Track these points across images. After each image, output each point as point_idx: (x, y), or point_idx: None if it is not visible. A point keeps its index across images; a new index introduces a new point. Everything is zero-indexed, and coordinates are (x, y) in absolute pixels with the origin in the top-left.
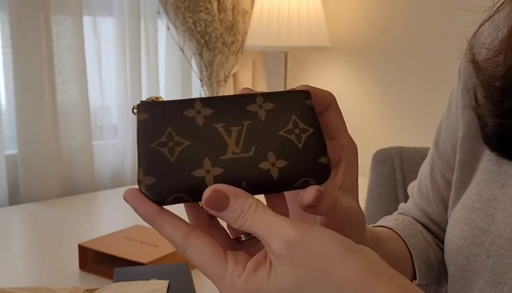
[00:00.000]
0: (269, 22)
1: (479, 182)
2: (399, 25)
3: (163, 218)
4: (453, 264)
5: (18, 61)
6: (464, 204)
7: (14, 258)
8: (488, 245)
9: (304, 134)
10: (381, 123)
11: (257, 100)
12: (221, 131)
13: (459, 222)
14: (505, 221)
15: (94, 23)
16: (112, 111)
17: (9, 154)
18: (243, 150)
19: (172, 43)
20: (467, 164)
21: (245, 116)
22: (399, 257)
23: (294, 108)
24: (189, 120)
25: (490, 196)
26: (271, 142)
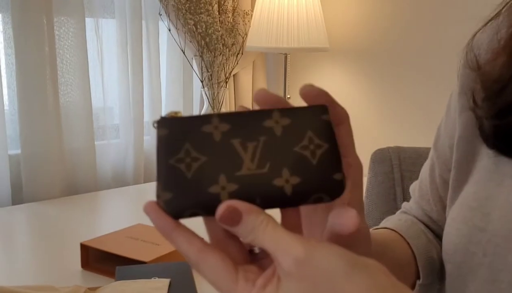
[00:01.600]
0: (269, 24)
1: (476, 181)
2: (398, 26)
3: (179, 233)
4: (451, 262)
5: (21, 62)
6: (461, 203)
7: (17, 257)
8: (485, 243)
9: (319, 150)
10: (379, 124)
11: (273, 116)
12: (237, 147)
13: (457, 220)
14: (502, 220)
15: (96, 25)
16: (114, 111)
17: (12, 154)
18: (258, 166)
19: (173, 44)
20: (463, 164)
21: (261, 132)
22: (402, 260)
23: (310, 123)
24: (206, 136)
25: (487, 195)
26: (285, 159)
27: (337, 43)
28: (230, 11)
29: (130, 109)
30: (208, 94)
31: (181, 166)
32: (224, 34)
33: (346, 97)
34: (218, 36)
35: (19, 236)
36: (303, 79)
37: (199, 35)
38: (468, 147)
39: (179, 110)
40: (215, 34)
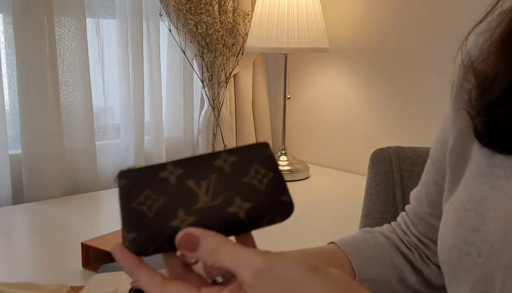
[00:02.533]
0: (269, 24)
1: (469, 183)
2: (398, 26)
3: (141, 270)
4: (446, 262)
5: (22, 63)
6: (455, 205)
7: (17, 257)
8: (480, 244)
9: (266, 178)
10: (379, 124)
11: (221, 156)
12: (192, 186)
13: (451, 222)
14: (496, 220)
15: (97, 25)
16: (115, 111)
17: (13, 154)
18: (212, 199)
19: (174, 44)
20: (457, 168)
21: (212, 171)
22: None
23: (255, 158)
24: (163, 180)
25: (481, 197)
26: (236, 189)
27: (337, 43)
28: (231, 12)
29: (130, 109)
30: (209, 94)
31: (143, 207)
32: (224, 35)
33: (346, 97)
34: (219, 36)
35: (20, 236)
36: (303, 79)
37: (199, 35)
38: (461, 152)
39: (140, 166)
40: (216, 34)
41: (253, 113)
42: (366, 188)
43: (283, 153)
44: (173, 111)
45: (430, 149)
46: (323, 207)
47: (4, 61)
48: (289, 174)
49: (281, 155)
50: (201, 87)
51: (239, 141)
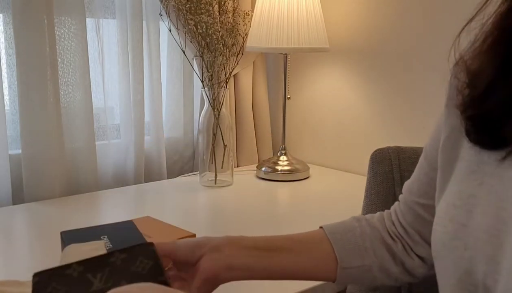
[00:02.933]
0: (269, 24)
1: (459, 181)
2: (398, 26)
3: None
4: (438, 258)
5: (22, 63)
6: (447, 201)
7: (17, 257)
8: (467, 238)
9: (147, 266)
10: (379, 123)
11: (115, 254)
12: (90, 277)
13: (443, 218)
14: (482, 215)
15: (97, 25)
16: (115, 111)
17: (13, 154)
18: (105, 283)
19: (174, 44)
20: (447, 165)
21: (107, 265)
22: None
23: (140, 253)
24: (68, 275)
25: (469, 193)
26: (124, 275)
27: (337, 43)
28: (231, 12)
29: (130, 109)
30: (209, 94)
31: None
32: (224, 35)
33: (346, 97)
34: (219, 36)
35: (19, 236)
36: (303, 80)
37: (199, 35)
38: (452, 149)
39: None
40: (216, 34)
41: (253, 113)
42: (366, 188)
43: (283, 153)
44: (173, 111)
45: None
46: (323, 207)
47: (4, 61)
48: (289, 174)
49: (281, 155)
50: (201, 87)
51: (239, 141)
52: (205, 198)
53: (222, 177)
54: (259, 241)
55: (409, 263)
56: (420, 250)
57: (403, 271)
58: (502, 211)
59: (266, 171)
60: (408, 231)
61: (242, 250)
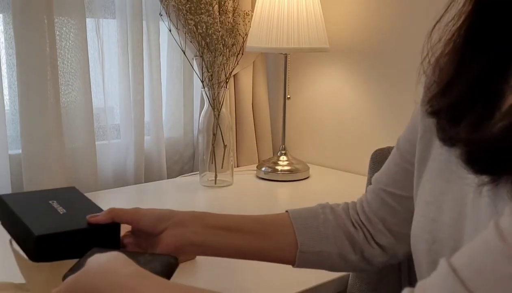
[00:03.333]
0: (269, 24)
1: (432, 179)
2: (398, 27)
3: None
4: (414, 252)
5: (22, 63)
6: (421, 198)
7: None
8: (435, 232)
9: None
10: (379, 123)
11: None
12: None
13: (418, 214)
14: (449, 210)
15: (97, 25)
16: (114, 111)
17: (13, 154)
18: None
19: (174, 44)
20: (421, 162)
21: None
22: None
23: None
24: None
25: (439, 191)
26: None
27: (337, 43)
28: (231, 12)
29: (130, 109)
30: (209, 94)
31: None
32: (224, 35)
33: (346, 97)
34: (219, 36)
35: None
36: (303, 80)
37: (199, 35)
38: (425, 147)
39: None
40: (216, 34)
41: (253, 113)
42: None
43: (283, 153)
44: (173, 111)
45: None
46: None
47: (4, 61)
48: (289, 174)
49: (281, 155)
50: (201, 87)
51: (239, 141)
52: (205, 198)
53: (222, 177)
54: (222, 219)
55: (369, 252)
56: (382, 239)
57: (362, 259)
58: (464, 207)
59: (266, 171)
60: (371, 219)
61: (204, 228)
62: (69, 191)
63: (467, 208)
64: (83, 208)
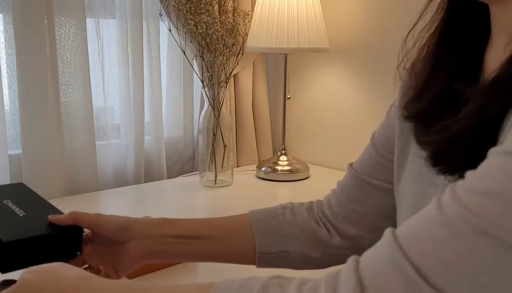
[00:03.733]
0: (269, 24)
1: (411, 180)
2: (398, 27)
3: None
4: None
5: (22, 63)
6: (402, 201)
7: None
8: None
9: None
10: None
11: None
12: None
13: (400, 217)
14: None
15: (97, 25)
16: (114, 111)
17: (13, 154)
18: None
19: (174, 44)
20: (400, 163)
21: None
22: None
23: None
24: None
25: (420, 192)
26: None
27: (337, 43)
28: (231, 12)
29: (130, 109)
30: (209, 94)
31: None
32: (224, 35)
33: (346, 97)
34: (219, 36)
35: None
36: (303, 79)
37: (199, 35)
38: (403, 149)
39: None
40: (216, 34)
41: (253, 113)
42: None
43: (283, 153)
44: (173, 111)
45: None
46: None
47: (4, 61)
48: (289, 174)
49: (281, 155)
50: (201, 87)
51: (239, 141)
52: (205, 198)
53: (222, 177)
54: (179, 227)
55: (332, 247)
56: (348, 230)
57: (325, 255)
58: None
59: (266, 171)
60: (337, 212)
61: (166, 237)
62: (19, 188)
63: None
64: (40, 209)
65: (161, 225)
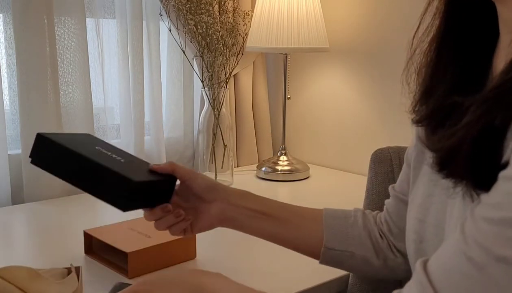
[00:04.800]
0: (269, 24)
1: (423, 182)
2: (399, 26)
3: None
4: (408, 252)
5: (22, 62)
6: (413, 201)
7: (16, 258)
8: (423, 232)
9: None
10: (379, 124)
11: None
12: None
13: (409, 217)
14: (435, 212)
15: (97, 25)
16: (114, 111)
17: (13, 154)
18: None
19: (174, 44)
20: (417, 167)
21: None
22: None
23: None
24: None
25: (428, 193)
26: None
27: (337, 43)
28: (231, 12)
29: (130, 109)
30: (209, 94)
31: None
32: (224, 35)
33: (346, 97)
34: (219, 36)
35: (19, 236)
36: (303, 79)
37: (199, 35)
38: (420, 153)
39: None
40: (216, 34)
41: (253, 113)
42: (367, 188)
43: (283, 153)
44: (173, 111)
45: None
46: (323, 207)
47: (4, 61)
48: (289, 174)
49: (281, 154)
50: (201, 87)
51: (239, 141)
52: None
53: (222, 177)
54: (263, 205)
55: (392, 260)
56: (400, 246)
57: (385, 267)
58: (446, 207)
59: (266, 171)
60: (392, 230)
61: (246, 209)
62: (90, 137)
63: (448, 208)
64: (129, 156)
65: (244, 196)
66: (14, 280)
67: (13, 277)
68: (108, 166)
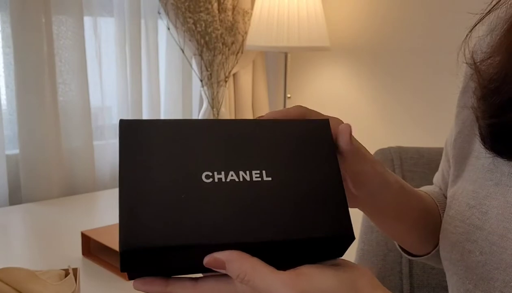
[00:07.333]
0: (269, 22)
1: (474, 179)
2: (399, 25)
3: (170, 284)
4: (447, 259)
5: (19, 61)
6: (459, 201)
7: (14, 258)
8: (482, 242)
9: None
10: (380, 123)
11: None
12: None
13: (454, 218)
14: (498, 218)
15: (95, 24)
16: (112, 111)
17: (10, 154)
18: None
19: (173, 43)
20: (459, 161)
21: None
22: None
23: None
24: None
25: (485, 194)
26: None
27: (338, 42)
28: (230, 10)
29: (128, 108)
30: (208, 93)
31: None
32: (223, 33)
33: (347, 97)
34: (218, 35)
35: (16, 237)
36: (303, 79)
37: (198, 34)
38: (465, 144)
39: None
40: (215, 33)
41: (253, 113)
42: None
43: None
44: (171, 110)
45: (432, 149)
46: None
47: (2, 60)
48: None
49: None
50: (200, 86)
51: None
52: None
53: None
54: (404, 183)
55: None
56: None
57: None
58: None
59: None
60: None
61: (396, 182)
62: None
63: None
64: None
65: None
66: (11, 282)
67: (11, 279)
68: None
